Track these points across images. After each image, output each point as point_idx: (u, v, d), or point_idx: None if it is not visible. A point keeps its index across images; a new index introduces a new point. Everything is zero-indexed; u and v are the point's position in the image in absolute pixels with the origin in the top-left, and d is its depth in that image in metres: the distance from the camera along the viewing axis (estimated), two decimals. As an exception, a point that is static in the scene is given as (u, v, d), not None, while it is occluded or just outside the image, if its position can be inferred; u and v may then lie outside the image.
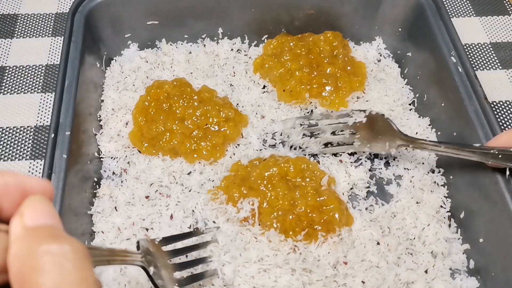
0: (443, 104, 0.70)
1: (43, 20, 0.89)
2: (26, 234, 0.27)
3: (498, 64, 0.86)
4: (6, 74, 0.81)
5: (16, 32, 0.87)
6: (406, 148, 0.65)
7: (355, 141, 0.68)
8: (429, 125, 0.74)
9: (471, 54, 0.87)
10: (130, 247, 0.60)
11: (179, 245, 0.56)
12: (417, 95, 0.77)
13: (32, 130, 0.75)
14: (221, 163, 0.69)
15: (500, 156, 0.57)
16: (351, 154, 0.72)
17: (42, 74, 0.82)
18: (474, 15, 0.93)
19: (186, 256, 0.57)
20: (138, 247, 0.49)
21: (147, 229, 0.63)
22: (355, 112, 0.68)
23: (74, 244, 0.27)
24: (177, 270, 0.53)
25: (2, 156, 0.72)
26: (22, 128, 0.75)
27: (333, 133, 0.69)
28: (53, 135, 0.61)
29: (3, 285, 0.27)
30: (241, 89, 0.78)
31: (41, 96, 0.79)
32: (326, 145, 0.70)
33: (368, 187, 0.69)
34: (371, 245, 0.61)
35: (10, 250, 0.26)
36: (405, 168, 0.70)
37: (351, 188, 0.68)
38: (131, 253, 0.45)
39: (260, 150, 0.71)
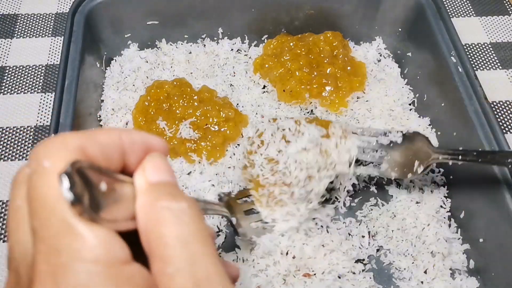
0: (443, 104, 0.70)
1: (43, 20, 0.89)
2: (149, 188, 0.30)
3: (498, 64, 0.86)
4: (6, 74, 0.81)
5: (16, 32, 0.87)
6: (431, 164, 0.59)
7: (383, 163, 0.62)
8: (429, 125, 0.74)
9: (471, 54, 0.87)
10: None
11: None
12: (417, 95, 0.77)
13: (32, 130, 0.75)
14: (221, 163, 0.69)
15: None
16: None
17: (42, 74, 0.82)
18: (474, 15, 0.93)
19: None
20: (220, 199, 0.57)
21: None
22: (393, 132, 0.62)
23: (189, 201, 0.30)
24: (252, 221, 0.59)
25: (2, 156, 0.72)
26: (22, 128, 0.75)
27: (363, 149, 0.62)
28: (53, 135, 0.61)
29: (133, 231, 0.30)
30: (241, 89, 0.78)
31: (41, 96, 0.79)
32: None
33: (368, 187, 0.69)
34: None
35: (137, 202, 0.29)
36: (405, 168, 0.70)
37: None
38: (218, 205, 0.50)
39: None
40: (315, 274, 0.58)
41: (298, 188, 0.58)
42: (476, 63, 0.86)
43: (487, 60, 0.86)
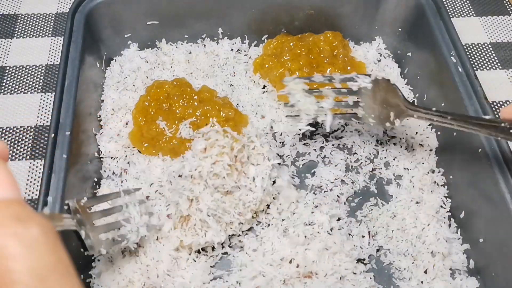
0: (443, 104, 0.70)
1: (43, 20, 0.89)
2: None
3: (498, 64, 0.86)
4: (6, 74, 0.81)
5: (16, 32, 0.87)
6: (408, 119, 0.61)
7: (359, 109, 0.63)
8: (429, 125, 0.74)
9: (471, 54, 0.87)
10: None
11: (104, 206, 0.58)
12: (417, 95, 0.77)
13: (32, 130, 0.75)
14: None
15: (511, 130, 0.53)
16: (352, 153, 0.72)
17: (42, 74, 0.82)
18: (474, 15, 0.93)
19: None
20: (68, 209, 0.51)
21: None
22: (360, 76, 0.62)
23: (43, 225, 0.25)
24: (102, 232, 0.54)
25: (2, 156, 0.72)
26: (22, 128, 0.75)
27: (336, 98, 0.64)
28: (53, 135, 0.61)
29: None
30: (241, 89, 0.78)
31: (41, 96, 0.79)
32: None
33: (368, 187, 0.69)
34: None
35: None
36: (405, 168, 0.70)
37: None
38: (65, 218, 0.45)
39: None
40: (317, 276, 0.58)
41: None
42: (476, 63, 0.86)
43: (487, 60, 0.86)
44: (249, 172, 0.61)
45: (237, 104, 0.76)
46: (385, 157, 0.72)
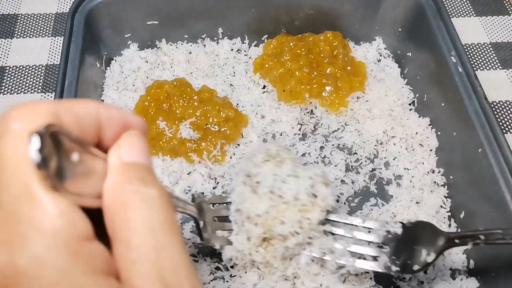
0: (443, 104, 0.70)
1: (43, 20, 0.89)
2: (122, 168, 0.29)
3: (498, 64, 0.86)
4: (6, 74, 0.81)
5: (16, 32, 0.87)
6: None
7: (381, 257, 0.54)
8: (429, 125, 0.74)
9: (471, 54, 0.87)
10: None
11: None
12: (417, 95, 0.77)
13: (32, 130, 0.75)
14: (221, 163, 0.69)
15: None
16: (352, 153, 0.72)
17: (42, 74, 0.82)
18: (474, 15, 0.93)
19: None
20: (193, 200, 0.53)
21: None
22: (390, 223, 0.54)
23: (161, 189, 0.29)
24: (219, 229, 0.56)
25: (2, 156, 0.72)
26: (22, 128, 0.75)
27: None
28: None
29: (95, 210, 0.28)
30: (241, 89, 0.78)
31: (41, 96, 0.79)
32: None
33: (368, 187, 0.69)
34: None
35: (106, 180, 0.28)
36: (405, 168, 0.70)
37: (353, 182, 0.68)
38: (189, 204, 0.47)
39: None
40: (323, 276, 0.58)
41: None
42: (476, 63, 0.86)
43: (487, 60, 0.86)
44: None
45: (237, 104, 0.76)
46: (385, 157, 0.72)
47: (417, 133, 0.73)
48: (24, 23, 0.89)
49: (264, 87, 0.78)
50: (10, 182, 0.24)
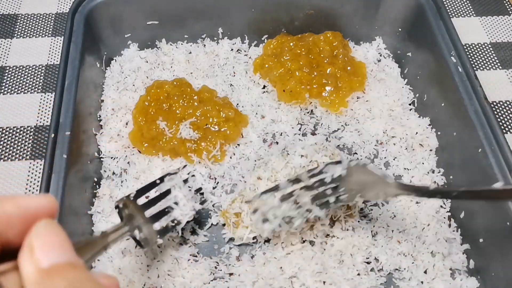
0: (443, 104, 0.70)
1: (43, 20, 0.89)
2: (41, 279, 0.25)
3: (498, 64, 0.86)
4: (6, 74, 0.81)
5: (16, 32, 0.87)
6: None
7: (341, 195, 0.57)
8: (429, 125, 0.74)
9: (471, 54, 0.87)
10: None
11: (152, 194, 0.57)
12: (417, 95, 0.77)
13: (32, 130, 0.75)
14: (221, 163, 0.69)
15: None
16: (352, 153, 0.72)
17: (42, 74, 0.82)
18: (474, 15, 0.93)
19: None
20: (119, 212, 0.51)
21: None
22: (329, 166, 0.57)
23: None
24: (154, 221, 0.54)
25: (2, 156, 0.72)
26: (22, 128, 0.75)
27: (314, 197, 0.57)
28: (53, 135, 0.61)
29: None
30: (241, 89, 0.78)
31: (41, 96, 0.79)
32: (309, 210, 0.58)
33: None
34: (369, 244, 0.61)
35: None
36: (405, 168, 0.70)
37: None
38: (119, 228, 0.45)
39: (260, 148, 0.71)
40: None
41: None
42: (476, 63, 0.86)
43: (487, 60, 0.86)
44: None
45: (237, 104, 0.76)
46: (385, 157, 0.72)
47: (417, 133, 0.73)
48: (24, 23, 0.89)
49: (264, 87, 0.78)
50: None
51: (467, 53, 0.80)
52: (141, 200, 0.54)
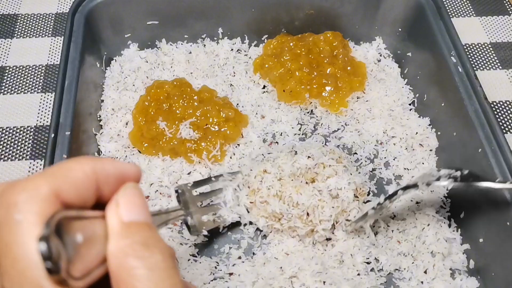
0: (443, 104, 0.70)
1: (43, 20, 0.89)
2: (122, 231, 0.29)
3: (498, 64, 0.86)
4: (6, 74, 0.81)
5: (16, 32, 0.87)
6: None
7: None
8: (429, 125, 0.74)
9: (471, 54, 0.87)
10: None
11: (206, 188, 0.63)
12: (417, 95, 0.77)
13: (32, 130, 0.75)
14: (221, 163, 0.69)
15: None
16: (352, 153, 0.72)
17: (42, 74, 0.82)
18: (474, 15, 0.93)
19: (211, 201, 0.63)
20: (177, 196, 0.58)
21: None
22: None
23: (164, 251, 0.29)
24: (204, 214, 0.60)
25: (2, 156, 0.72)
26: (22, 128, 0.75)
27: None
28: (53, 135, 0.61)
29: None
30: (241, 89, 0.78)
31: (41, 96, 0.79)
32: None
33: (368, 187, 0.69)
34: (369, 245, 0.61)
35: (109, 245, 0.28)
36: (405, 168, 0.70)
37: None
38: (177, 210, 0.49)
39: (260, 148, 0.71)
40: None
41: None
42: (476, 63, 0.86)
43: (487, 60, 0.86)
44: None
45: (237, 104, 0.76)
46: (385, 157, 0.72)
47: (417, 133, 0.73)
48: (24, 23, 0.89)
49: (264, 87, 0.78)
50: (23, 284, 0.25)
51: (467, 53, 0.80)
52: (196, 191, 0.61)
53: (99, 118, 0.73)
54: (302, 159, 0.63)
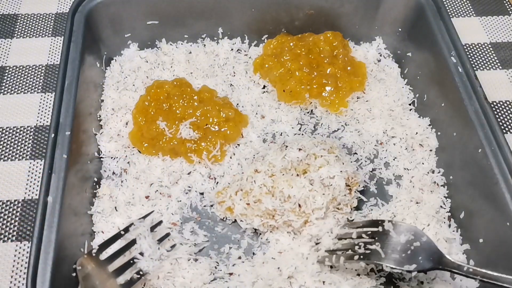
0: (443, 104, 0.70)
1: (43, 20, 0.89)
2: None
3: (498, 64, 0.86)
4: (6, 74, 0.81)
5: (16, 32, 0.87)
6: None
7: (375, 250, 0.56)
8: (429, 125, 0.74)
9: (471, 54, 0.87)
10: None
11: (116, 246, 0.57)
12: (417, 95, 0.77)
13: (32, 130, 0.75)
14: (221, 163, 0.69)
15: None
16: (352, 153, 0.72)
17: (42, 74, 0.82)
18: (474, 15, 0.93)
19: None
20: (76, 276, 0.51)
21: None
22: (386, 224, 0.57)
23: None
24: (119, 275, 0.54)
25: (2, 156, 0.72)
26: (22, 128, 0.75)
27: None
28: (53, 135, 0.61)
29: None
30: (241, 89, 0.78)
31: (41, 96, 0.79)
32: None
33: (368, 187, 0.69)
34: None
35: None
36: (405, 168, 0.70)
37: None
38: None
39: (260, 148, 0.71)
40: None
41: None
42: (476, 63, 0.86)
43: (487, 60, 0.86)
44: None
45: (237, 104, 0.76)
46: (385, 157, 0.72)
47: (417, 133, 0.73)
48: (24, 23, 0.88)
49: (264, 87, 0.78)
50: None
51: (467, 53, 0.80)
52: (104, 255, 0.55)
53: (99, 118, 0.73)
54: (292, 152, 0.63)
